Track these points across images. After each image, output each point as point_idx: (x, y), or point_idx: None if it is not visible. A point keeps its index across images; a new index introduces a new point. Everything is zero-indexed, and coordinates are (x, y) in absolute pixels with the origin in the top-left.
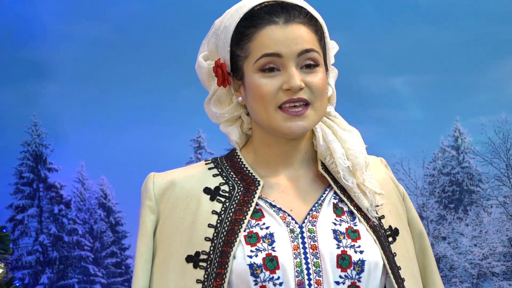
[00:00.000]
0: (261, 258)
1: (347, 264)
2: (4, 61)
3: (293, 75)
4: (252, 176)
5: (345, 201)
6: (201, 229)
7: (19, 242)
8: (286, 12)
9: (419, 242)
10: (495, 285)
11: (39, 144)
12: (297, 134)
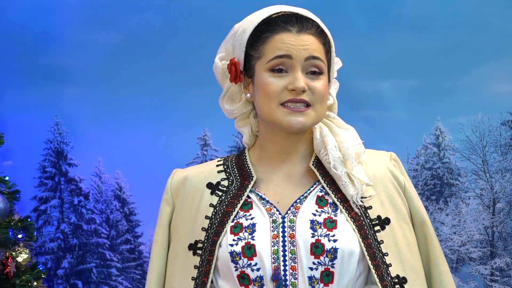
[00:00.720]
0: (240, 247)
1: (320, 251)
2: (27, 67)
3: (298, 78)
4: (249, 171)
5: (330, 194)
6: (200, 220)
7: (42, 230)
8: (300, 23)
9: (421, 229)
10: (472, 269)
11: (60, 142)
12: (295, 128)
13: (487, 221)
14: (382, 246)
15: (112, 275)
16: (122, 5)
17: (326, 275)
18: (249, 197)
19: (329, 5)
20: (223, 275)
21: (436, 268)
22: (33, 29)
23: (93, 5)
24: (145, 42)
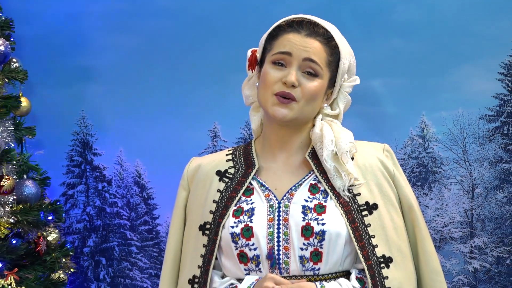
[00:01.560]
0: (240, 228)
1: (309, 233)
2: (57, 67)
3: (291, 73)
4: (252, 160)
5: (322, 182)
6: (208, 204)
7: (70, 213)
8: (311, 28)
9: (409, 214)
10: (453, 247)
11: (86, 134)
12: (278, 118)
13: (467, 204)
14: (369, 229)
15: (132, 252)
16: (140, 12)
17: (315, 254)
18: (251, 183)
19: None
20: (225, 254)
21: (423, 249)
22: (62, 34)
23: (115, 13)
24: (161, 45)
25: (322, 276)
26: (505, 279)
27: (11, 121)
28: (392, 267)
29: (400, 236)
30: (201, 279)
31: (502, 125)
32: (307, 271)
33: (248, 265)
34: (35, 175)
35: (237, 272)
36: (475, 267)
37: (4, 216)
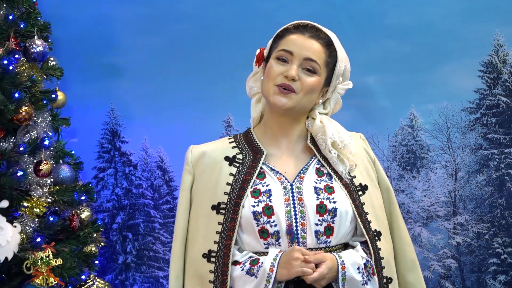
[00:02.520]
0: (261, 207)
1: (323, 211)
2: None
3: (292, 68)
4: (258, 147)
5: (325, 166)
6: (222, 186)
7: (100, 193)
8: (314, 32)
9: (386, 194)
10: (438, 224)
11: (115, 124)
12: (278, 105)
13: (451, 186)
14: (364, 207)
15: (155, 228)
16: (162, 17)
17: (328, 229)
18: (261, 168)
19: (325, 16)
20: (245, 230)
21: (396, 224)
22: (93, 36)
23: (140, 17)
24: (180, 45)
25: (332, 247)
26: (484, 252)
27: (48, 112)
28: (382, 240)
29: (383, 213)
30: (220, 253)
31: (481, 116)
32: (320, 244)
33: (268, 240)
34: (70, 160)
35: (256, 246)
36: (458, 242)
37: (42, 196)
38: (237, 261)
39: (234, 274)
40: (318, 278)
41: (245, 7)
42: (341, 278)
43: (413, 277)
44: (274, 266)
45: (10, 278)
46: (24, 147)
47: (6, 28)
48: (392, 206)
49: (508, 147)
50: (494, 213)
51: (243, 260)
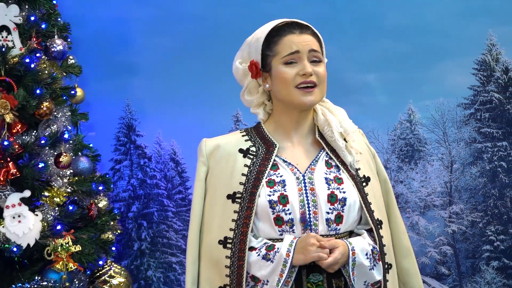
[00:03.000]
0: (277, 196)
1: (334, 200)
2: (106, 63)
3: (306, 65)
4: (271, 140)
5: (333, 158)
6: (237, 177)
7: (117, 184)
8: (300, 27)
9: (384, 185)
10: (435, 213)
11: (130, 118)
12: (308, 105)
13: (446, 177)
14: (368, 197)
15: (168, 217)
16: (174, 19)
17: (338, 217)
18: (274, 160)
19: (328, 18)
20: (261, 218)
21: (393, 214)
22: (110, 36)
23: (153, 19)
24: (191, 45)
25: (340, 234)
26: (478, 239)
27: (68, 108)
28: (383, 228)
29: (382, 203)
30: (237, 240)
31: (475, 111)
32: (331, 231)
33: (282, 227)
34: (88, 153)
35: (271, 233)
36: (453, 230)
37: (62, 186)
38: (253, 247)
39: (250, 259)
40: (332, 263)
41: (250, 8)
42: (351, 263)
43: (408, 263)
44: (290, 251)
45: (32, 263)
46: (45, 140)
47: (28, 28)
48: (389, 197)
49: (501, 140)
50: (488, 203)
51: (258, 246)
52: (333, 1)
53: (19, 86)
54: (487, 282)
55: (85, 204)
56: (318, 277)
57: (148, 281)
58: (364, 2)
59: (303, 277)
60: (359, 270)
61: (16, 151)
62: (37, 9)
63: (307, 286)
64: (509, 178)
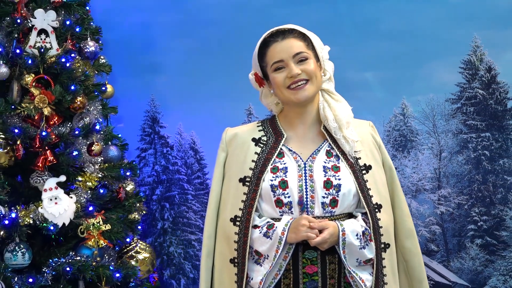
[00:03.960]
0: (278, 181)
1: (329, 186)
2: (133, 62)
3: (292, 68)
4: (280, 131)
5: (334, 149)
6: (248, 163)
7: (143, 170)
8: (282, 34)
9: (389, 173)
10: (425, 196)
11: (155, 112)
12: (302, 100)
13: (436, 164)
14: (367, 184)
15: (188, 199)
16: (195, 22)
17: (333, 201)
18: (281, 149)
19: (331, 22)
20: (264, 200)
21: (398, 198)
22: (137, 38)
23: (176, 22)
24: (210, 46)
25: (336, 216)
26: (463, 220)
27: (99, 102)
28: (382, 212)
29: (384, 188)
30: (244, 218)
31: (462, 106)
32: (326, 213)
33: (282, 209)
34: (117, 142)
35: (272, 214)
36: (441, 211)
37: (94, 172)
38: (257, 225)
39: (253, 236)
40: (320, 242)
41: (262, 14)
42: (342, 242)
43: (410, 244)
44: (285, 230)
45: (67, 240)
46: (79, 131)
47: (64, 31)
48: (394, 183)
49: (484, 132)
50: (472, 187)
51: (261, 224)
52: (335, 7)
53: (56, 83)
54: (471, 258)
55: (114, 187)
56: (313, 253)
57: (170, 256)
58: (363, 8)
59: (299, 253)
60: (350, 249)
61: (53, 140)
62: (72, 15)
63: (302, 261)
64: (491, 165)
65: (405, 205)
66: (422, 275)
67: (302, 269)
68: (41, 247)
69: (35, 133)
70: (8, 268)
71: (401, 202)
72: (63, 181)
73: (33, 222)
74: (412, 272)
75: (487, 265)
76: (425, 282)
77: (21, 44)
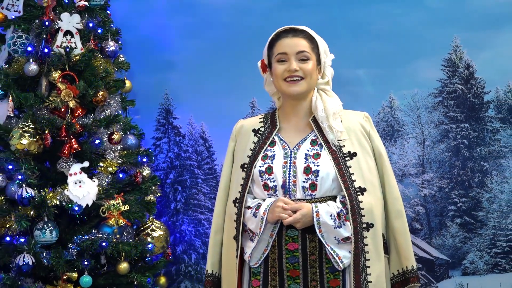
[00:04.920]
0: (265, 167)
1: (309, 171)
2: (149, 60)
3: (292, 63)
4: (276, 122)
5: (319, 138)
6: (247, 151)
7: (157, 157)
8: (294, 31)
9: (379, 159)
10: (411, 180)
11: (168, 105)
12: (294, 93)
13: (420, 152)
14: (350, 169)
15: (198, 183)
16: (207, 24)
17: (312, 185)
18: (274, 138)
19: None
20: (256, 184)
21: (388, 182)
22: (153, 38)
23: (188, 24)
24: (219, 46)
25: (317, 199)
26: (444, 201)
27: (119, 96)
28: (366, 195)
29: (372, 173)
30: (240, 200)
31: (443, 99)
32: (306, 196)
33: (269, 192)
34: (135, 132)
35: (262, 196)
36: (425, 193)
37: (114, 158)
38: (249, 206)
39: (246, 216)
40: (291, 221)
41: (267, 17)
42: (316, 222)
43: (398, 224)
44: (266, 211)
45: (90, 219)
46: (101, 122)
47: (87, 33)
48: (384, 168)
49: (463, 122)
50: (452, 172)
51: (253, 205)
52: (330, 11)
53: (80, 78)
54: (452, 235)
55: (132, 172)
56: (294, 232)
57: (182, 234)
58: (355, 12)
59: (283, 232)
60: (325, 228)
61: (77, 130)
62: (94, 18)
63: (285, 239)
64: (469, 153)
65: (394, 189)
66: (409, 253)
67: (285, 246)
68: (67, 226)
69: (62, 124)
70: (38, 244)
71: (391, 186)
72: (87, 166)
73: (59, 203)
74: (400, 250)
75: (465, 242)
76: (411, 259)
77: (49, 44)
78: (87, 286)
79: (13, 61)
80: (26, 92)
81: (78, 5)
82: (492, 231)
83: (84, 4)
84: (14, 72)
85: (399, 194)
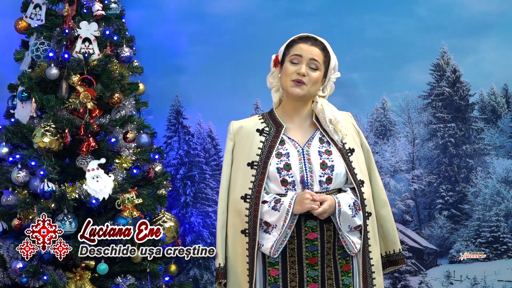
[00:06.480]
0: (283, 164)
1: (325, 167)
2: (161, 65)
3: (303, 67)
4: (279, 122)
5: (325, 136)
6: (254, 149)
7: (169, 154)
8: (314, 40)
9: (367, 155)
10: (402, 176)
11: (179, 106)
12: (295, 94)
13: (410, 149)
14: (352, 164)
15: (206, 178)
16: (215, 32)
17: (328, 179)
18: (282, 137)
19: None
20: (271, 180)
21: (374, 175)
22: (164, 44)
23: (197, 31)
24: (225, 51)
25: (330, 191)
26: (433, 195)
27: (133, 98)
28: (365, 187)
29: (364, 167)
30: (253, 196)
31: (432, 101)
32: (323, 189)
33: (287, 187)
34: (148, 131)
35: (278, 191)
36: (415, 188)
37: (128, 155)
38: (265, 200)
39: (263, 210)
40: (322, 212)
41: (270, 26)
42: (338, 212)
43: (384, 211)
44: (291, 203)
45: (106, 212)
46: (116, 122)
47: (104, 40)
48: (371, 163)
49: (450, 122)
50: (440, 168)
51: (269, 200)
52: (327, 19)
53: (97, 82)
54: (440, 226)
55: (145, 168)
56: (313, 222)
57: (191, 225)
58: (350, 20)
59: (302, 223)
60: (344, 217)
61: (95, 129)
62: (110, 26)
63: (304, 229)
64: (456, 150)
65: (379, 180)
66: (395, 238)
67: (304, 236)
68: (85, 217)
69: (80, 123)
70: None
71: (377, 178)
72: (103, 163)
73: (78, 197)
74: (387, 235)
75: (452, 233)
76: (397, 243)
77: (69, 50)
78: (104, 273)
79: (36, 66)
80: (47, 94)
81: (95, 14)
82: (477, 223)
83: (101, 13)
84: (36, 76)
85: (382, 185)
